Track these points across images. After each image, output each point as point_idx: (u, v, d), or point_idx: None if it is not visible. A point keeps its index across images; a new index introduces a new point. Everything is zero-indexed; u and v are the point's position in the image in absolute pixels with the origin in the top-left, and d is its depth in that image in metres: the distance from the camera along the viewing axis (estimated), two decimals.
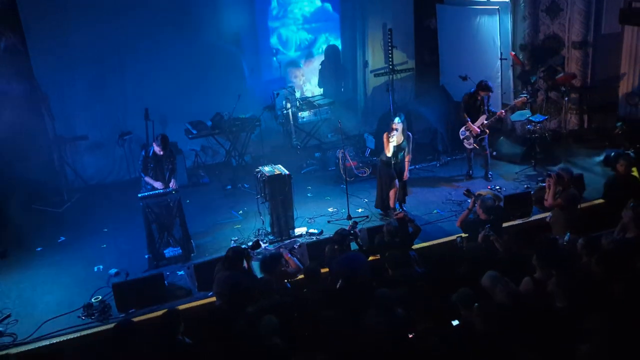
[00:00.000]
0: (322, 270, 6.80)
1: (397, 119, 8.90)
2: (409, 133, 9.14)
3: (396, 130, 8.83)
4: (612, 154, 9.95)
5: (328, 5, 13.32)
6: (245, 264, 6.78)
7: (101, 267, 8.36)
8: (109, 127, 11.06)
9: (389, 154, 8.91)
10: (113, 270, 8.20)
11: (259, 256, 8.15)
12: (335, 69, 13.11)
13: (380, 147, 9.33)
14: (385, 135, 8.93)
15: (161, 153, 8.36)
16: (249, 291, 6.26)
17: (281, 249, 7.46)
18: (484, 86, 9.83)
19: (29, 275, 8.33)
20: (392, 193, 9.10)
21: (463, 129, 10.14)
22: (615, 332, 4.77)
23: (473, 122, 9.98)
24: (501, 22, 11.17)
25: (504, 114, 10.22)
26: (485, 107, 9.98)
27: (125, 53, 10.82)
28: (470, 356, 4.99)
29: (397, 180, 9.04)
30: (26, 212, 9.77)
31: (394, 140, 8.87)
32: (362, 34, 12.87)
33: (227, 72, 12.17)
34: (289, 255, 7.07)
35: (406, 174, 9.17)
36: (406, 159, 9.09)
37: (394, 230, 7.13)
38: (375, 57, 12.87)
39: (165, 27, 10.96)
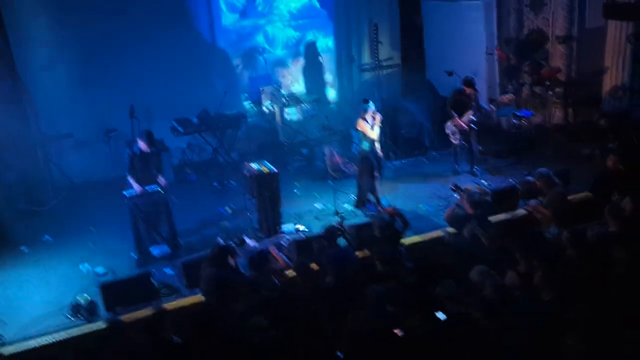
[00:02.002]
0: (312, 266, 6.81)
1: (372, 105, 9.10)
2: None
3: (373, 117, 9.05)
4: (597, 148, 10.04)
5: (315, 1, 13.18)
6: (231, 261, 6.77)
7: (88, 265, 8.30)
8: (94, 124, 10.99)
9: (375, 136, 9.08)
10: (100, 269, 8.15)
11: (247, 253, 8.17)
12: (314, 65, 12.98)
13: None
14: (362, 122, 9.03)
15: (147, 150, 8.29)
16: (236, 288, 6.25)
17: (269, 246, 7.45)
18: (468, 82, 9.88)
19: (15, 275, 8.25)
20: (377, 184, 9.25)
21: (449, 123, 10.17)
22: (600, 324, 4.83)
23: (460, 118, 10.03)
24: (486, 17, 11.23)
25: (492, 109, 10.27)
26: (473, 103, 10.01)
27: (110, 49, 10.74)
28: (459, 349, 5.03)
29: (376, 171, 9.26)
30: (10, 211, 9.65)
31: (376, 121, 9.04)
32: (355, 31, 12.88)
33: (212, 69, 12.14)
34: (277, 251, 7.06)
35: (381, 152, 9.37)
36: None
37: (386, 225, 7.13)
38: (363, 53, 12.89)
39: (151, 23, 10.91)
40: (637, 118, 10.79)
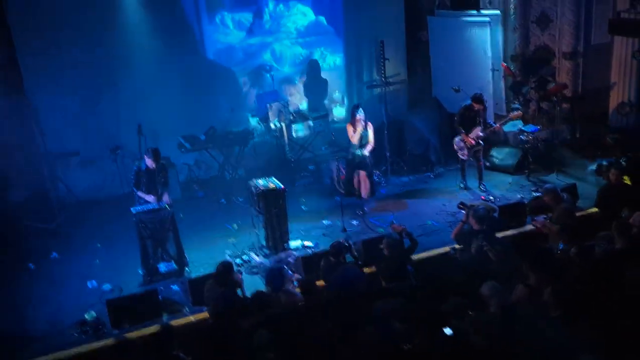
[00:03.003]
0: (318, 283, 6.78)
1: (360, 111, 9.58)
2: (369, 122, 9.76)
3: (361, 120, 9.55)
4: (604, 163, 10.00)
5: (322, 19, 13.16)
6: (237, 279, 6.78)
7: (94, 283, 8.29)
8: (101, 142, 11.00)
9: (356, 142, 9.55)
10: (107, 286, 8.14)
11: (254, 269, 8.16)
12: (316, 82, 13.00)
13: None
14: (349, 126, 9.65)
15: (153, 166, 8.32)
16: (245, 307, 6.23)
17: (294, 276, 7.35)
18: (477, 98, 9.89)
19: (22, 292, 8.25)
20: (364, 181, 9.75)
21: (458, 139, 10.17)
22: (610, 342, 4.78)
23: (468, 134, 10.03)
24: (492, 33, 11.26)
25: (499, 127, 10.29)
26: (481, 119, 10.02)
27: (117, 67, 10.83)
28: None
29: (361, 171, 9.73)
30: (17, 228, 9.67)
31: (359, 128, 9.55)
32: (361, 48, 12.95)
33: (220, 86, 12.20)
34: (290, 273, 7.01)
35: (367, 151, 9.74)
36: (368, 147, 9.73)
37: (395, 243, 7.09)
38: (369, 70, 12.94)
39: (158, 42, 11.01)
40: None
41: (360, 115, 9.52)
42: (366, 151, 9.72)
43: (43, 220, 10.12)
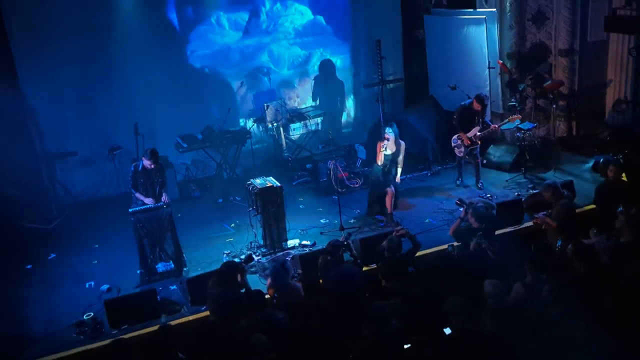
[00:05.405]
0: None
1: (388, 129, 9.23)
2: (402, 141, 9.43)
3: (387, 140, 9.21)
4: (601, 160, 10.02)
5: (321, 18, 12.99)
6: (239, 279, 6.74)
7: (92, 283, 8.28)
8: (98, 142, 11.02)
9: (380, 162, 9.21)
10: (105, 287, 8.13)
11: (252, 269, 8.16)
12: (327, 82, 12.96)
13: (371, 158, 9.42)
14: (378, 145, 9.25)
15: (151, 167, 8.31)
16: (245, 307, 6.22)
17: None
18: (480, 99, 9.90)
19: (20, 293, 8.23)
20: (388, 198, 9.26)
21: (455, 137, 10.19)
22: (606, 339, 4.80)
23: (466, 133, 10.04)
24: (488, 31, 11.27)
25: (497, 128, 10.31)
26: (480, 119, 10.03)
27: (114, 67, 10.84)
28: None
29: (391, 186, 9.28)
30: (15, 229, 9.66)
31: (385, 149, 9.19)
32: (360, 47, 12.91)
33: (217, 87, 12.19)
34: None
35: (398, 177, 9.46)
36: (399, 171, 9.44)
37: (396, 246, 7.09)
38: (367, 69, 12.91)
39: (154, 41, 11.01)
40: None
41: (389, 134, 9.19)
42: (398, 178, 9.43)
43: (41, 221, 10.12)
